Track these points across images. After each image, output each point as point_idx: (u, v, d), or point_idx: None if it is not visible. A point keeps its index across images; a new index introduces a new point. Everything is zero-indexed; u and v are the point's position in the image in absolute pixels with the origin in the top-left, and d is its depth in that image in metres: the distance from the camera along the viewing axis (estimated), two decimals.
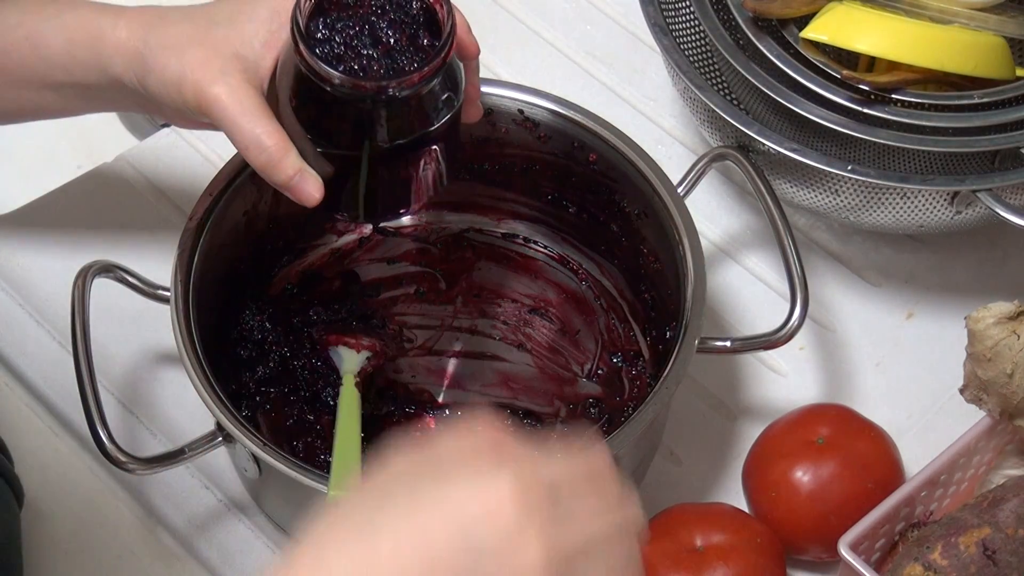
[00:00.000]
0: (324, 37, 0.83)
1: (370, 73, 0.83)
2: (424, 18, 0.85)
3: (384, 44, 0.84)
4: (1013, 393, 0.89)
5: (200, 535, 0.96)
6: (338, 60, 0.83)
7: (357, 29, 0.84)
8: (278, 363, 0.98)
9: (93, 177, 1.12)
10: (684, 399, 1.02)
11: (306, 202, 0.85)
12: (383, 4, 0.85)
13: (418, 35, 0.84)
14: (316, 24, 0.83)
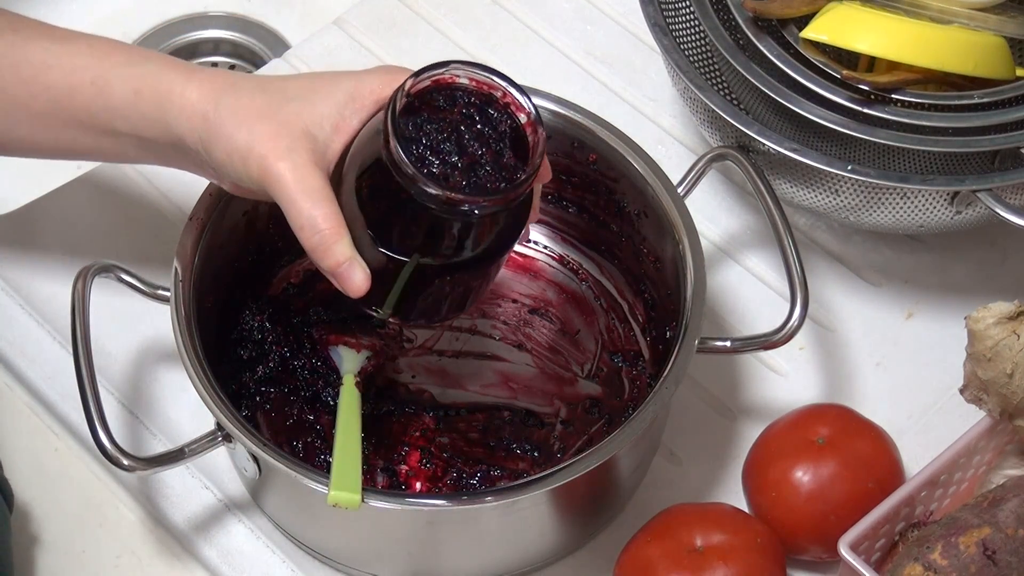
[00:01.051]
0: (411, 135, 0.82)
1: (452, 182, 0.81)
2: (512, 135, 0.83)
3: (469, 155, 0.82)
4: (1013, 393, 0.89)
5: (200, 535, 0.96)
6: (421, 162, 0.81)
7: (445, 135, 0.82)
8: (278, 363, 0.98)
9: (93, 177, 1.12)
10: (684, 399, 1.02)
11: (350, 292, 0.84)
12: (473, 114, 0.83)
13: (503, 151, 0.83)
14: (406, 121, 0.82)
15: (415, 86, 0.82)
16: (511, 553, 0.93)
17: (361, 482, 0.83)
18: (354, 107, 0.86)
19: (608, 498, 0.95)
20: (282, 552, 0.96)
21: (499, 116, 0.84)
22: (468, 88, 0.84)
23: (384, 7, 1.22)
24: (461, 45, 1.20)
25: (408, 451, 0.96)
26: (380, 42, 1.20)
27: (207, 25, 1.36)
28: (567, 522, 0.94)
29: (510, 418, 0.98)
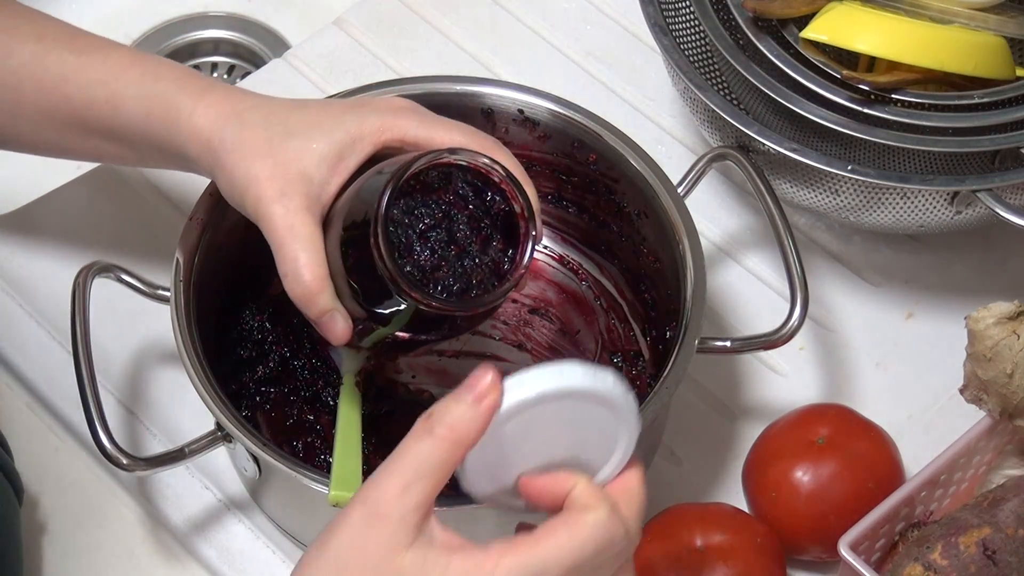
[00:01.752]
0: (399, 219, 0.82)
1: (436, 276, 0.82)
2: (502, 221, 0.83)
3: (458, 245, 0.82)
4: (1013, 393, 0.89)
5: (200, 535, 0.96)
6: (408, 252, 0.81)
7: (435, 220, 0.82)
8: (278, 363, 0.98)
9: (93, 177, 1.12)
10: (684, 399, 1.02)
11: (331, 340, 0.85)
12: (468, 194, 0.83)
13: (492, 238, 0.83)
14: (397, 203, 0.82)
15: (412, 171, 0.82)
16: None
17: (362, 482, 0.83)
18: (353, 148, 0.86)
19: None
20: (282, 552, 0.96)
21: (493, 198, 0.83)
22: (465, 167, 0.83)
23: (384, 7, 1.22)
24: (461, 45, 1.20)
25: None
26: (380, 42, 1.20)
27: (207, 25, 1.36)
28: None
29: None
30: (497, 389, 0.68)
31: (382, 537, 0.68)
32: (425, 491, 0.68)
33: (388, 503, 0.68)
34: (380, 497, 0.68)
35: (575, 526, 0.69)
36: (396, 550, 0.68)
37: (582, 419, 0.71)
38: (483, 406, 0.68)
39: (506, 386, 0.69)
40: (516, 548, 0.69)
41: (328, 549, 0.69)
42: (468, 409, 0.68)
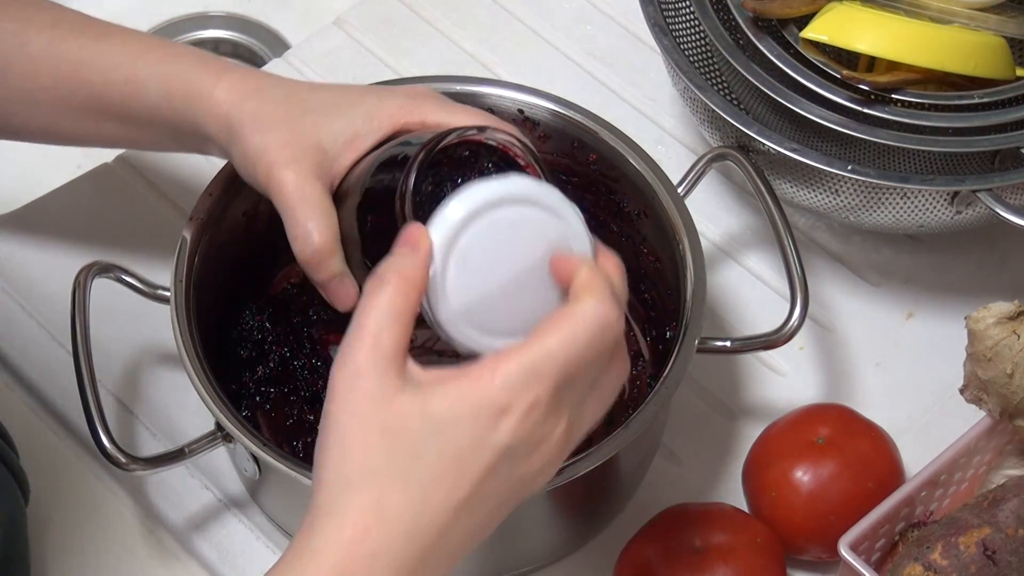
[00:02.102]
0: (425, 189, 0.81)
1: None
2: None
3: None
4: (1013, 393, 0.89)
5: (200, 535, 0.96)
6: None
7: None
8: (278, 363, 0.98)
9: (93, 177, 1.12)
10: (684, 399, 1.02)
11: (337, 306, 0.85)
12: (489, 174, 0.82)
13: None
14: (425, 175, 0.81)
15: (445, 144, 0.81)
16: (511, 553, 0.93)
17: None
18: (370, 127, 0.86)
19: (608, 498, 0.95)
20: (282, 552, 0.96)
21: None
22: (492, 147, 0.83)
23: (384, 7, 1.22)
24: (461, 45, 1.20)
25: None
26: (380, 42, 1.20)
27: (207, 25, 1.36)
28: (567, 522, 0.94)
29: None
30: (425, 233, 0.72)
31: (369, 394, 0.70)
32: (394, 337, 0.70)
33: (363, 361, 0.70)
34: (354, 359, 0.70)
35: (573, 317, 0.71)
36: (387, 400, 0.70)
37: (525, 230, 0.74)
38: (420, 248, 0.72)
39: (438, 216, 0.73)
40: (511, 353, 0.71)
41: (328, 434, 0.70)
42: (408, 253, 0.72)
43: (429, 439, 0.70)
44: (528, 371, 0.70)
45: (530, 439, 0.71)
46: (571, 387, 0.71)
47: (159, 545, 0.97)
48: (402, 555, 0.69)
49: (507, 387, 0.70)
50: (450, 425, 0.70)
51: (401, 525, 0.69)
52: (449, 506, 0.70)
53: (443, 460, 0.70)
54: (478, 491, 0.70)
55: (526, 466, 0.71)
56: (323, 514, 0.70)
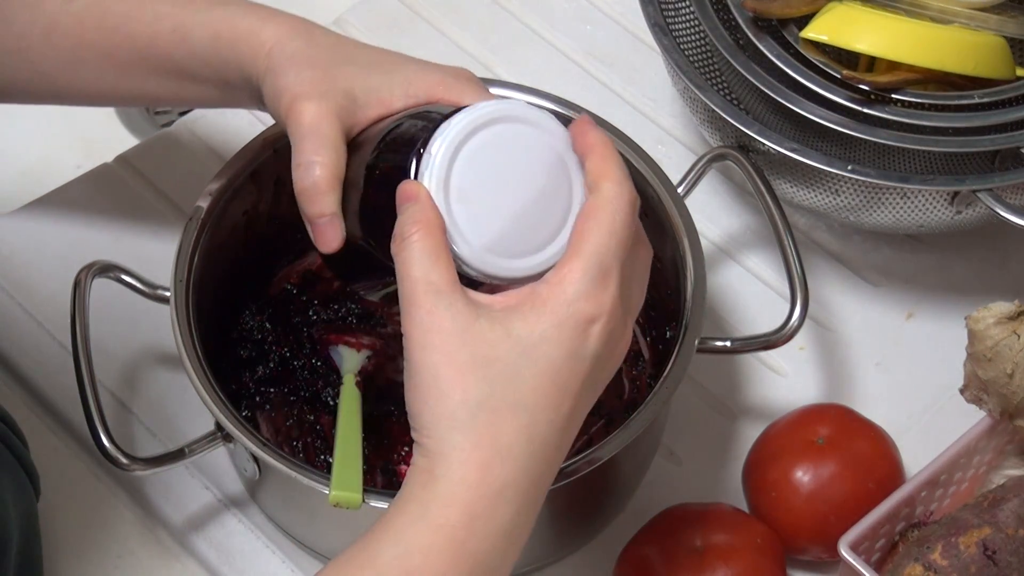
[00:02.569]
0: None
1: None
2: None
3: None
4: (1013, 393, 0.89)
5: (199, 535, 0.96)
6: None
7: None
8: (278, 363, 0.98)
9: (93, 177, 1.12)
10: (684, 399, 1.02)
11: (319, 245, 0.83)
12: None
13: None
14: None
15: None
16: None
17: (362, 482, 0.83)
18: (405, 91, 0.85)
19: (608, 498, 0.95)
20: (282, 552, 0.96)
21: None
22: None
23: (384, 7, 1.22)
24: (461, 45, 1.20)
25: (408, 451, 0.96)
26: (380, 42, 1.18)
27: None
28: (567, 522, 0.94)
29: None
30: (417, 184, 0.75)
31: (446, 329, 0.71)
32: (442, 273, 0.72)
33: (427, 303, 0.71)
34: (417, 304, 0.72)
35: (606, 206, 0.74)
36: (468, 330, 0.71)
37: (509, 148, 0.76)
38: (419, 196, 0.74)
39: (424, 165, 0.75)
40: (567, 260, 0.73)
41: (418, 380, 0.72)
42: (411, 206, 0.74)
43: (522, 361, 0.71)
44: (593, 271, 0.72)
45: (611, 338, 0.73)
46: (626, 272, 0.74)
47: (159, 545, 0.97)
48: (523, 484, 0.71)
49: (582, 294, 0.72)
50: (540, 344, 0.71)
51: (518, 453, 0.70)
52: (557, 425, 0.72)
53: (542, 380, 0.71)
54: (578, 403, 0.73)
55: (610, 364, 0.74)
56: (438, 458, 0.71)
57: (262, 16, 0.87)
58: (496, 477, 0.70)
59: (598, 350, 0.73)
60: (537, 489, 0.72)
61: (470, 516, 0.70)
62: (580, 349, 0.72)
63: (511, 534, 0.71)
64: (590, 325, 0.72)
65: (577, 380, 0.72)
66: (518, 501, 0.71)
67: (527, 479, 0.71)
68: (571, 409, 0.72)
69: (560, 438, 0.73)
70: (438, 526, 0.70)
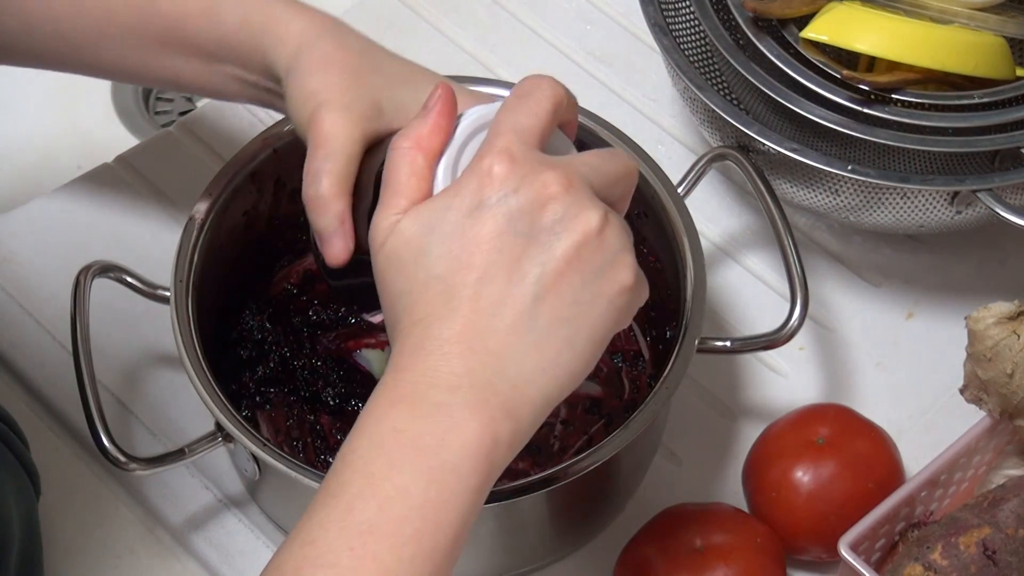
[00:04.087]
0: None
1: None
2: None
3: None
4: (1013, 393, 0.89)
5: (199, 535, 0.96)
6: None
7: None
8: (278, 363, 0.98)
9: (93, 177, 1.12)
10: (684, 399, 1.02)
11: (327, 257, 0.82)
12: None
13: None
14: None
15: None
16: (511, 553, 0.93)
17: None
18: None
19: (608, 498, 0.95)
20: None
21: None
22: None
23: (384, 7, 1.22)
24: (461, 45, 1.20)
25: None
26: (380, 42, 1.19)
27: None
28: (567, 522, 0.94)
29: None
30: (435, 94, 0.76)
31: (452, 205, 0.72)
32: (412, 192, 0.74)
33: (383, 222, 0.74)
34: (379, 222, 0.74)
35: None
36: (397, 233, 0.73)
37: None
38: (427, 111, 0.76)
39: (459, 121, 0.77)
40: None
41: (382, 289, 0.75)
42: (417, 117, 0.76)
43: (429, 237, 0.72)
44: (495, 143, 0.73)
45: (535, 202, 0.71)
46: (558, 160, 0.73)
47: (159, 545, 0.97)
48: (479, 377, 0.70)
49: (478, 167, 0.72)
50: (438, 216, 0.72)
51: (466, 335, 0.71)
52: (479, 292, 0.71)
53: (449, 247, 0.71)
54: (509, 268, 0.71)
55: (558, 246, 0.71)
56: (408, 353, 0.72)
57: (294, 8, 0.86)
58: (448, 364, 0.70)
59: (502, 199, 0.71)
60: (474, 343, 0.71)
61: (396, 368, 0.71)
62: (481, 203, 0.71)
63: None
64: (484, 177, 0.72)
65: (488, 233, 0.71)
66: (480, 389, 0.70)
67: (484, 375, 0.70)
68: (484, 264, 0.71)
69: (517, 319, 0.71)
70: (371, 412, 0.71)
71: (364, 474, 0.69)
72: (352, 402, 0.96)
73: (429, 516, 0.68)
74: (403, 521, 0.68)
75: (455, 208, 0.72)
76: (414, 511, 0.68)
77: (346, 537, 0.68)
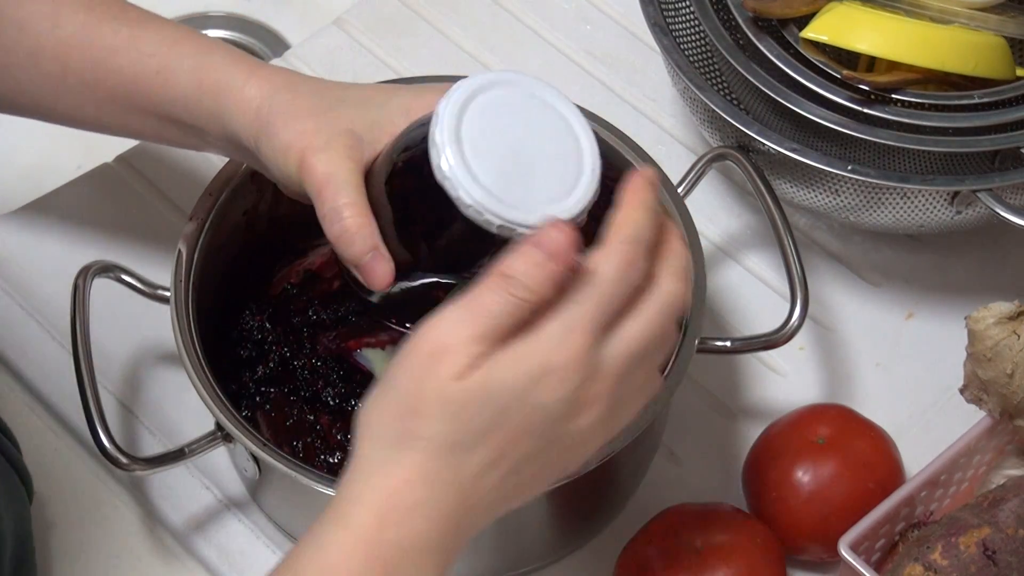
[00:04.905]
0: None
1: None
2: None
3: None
4: (1013, 393, 0.89)
5: (200, 535, 0.96)
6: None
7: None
8: (278, 363, 0.98)
9: (93, 177, 1.12)
10: (684, 399, 1.02)
11: (373, 285, 0.82)
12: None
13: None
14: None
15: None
16: (510, 553, 0.93)
17: None
18: (406, 118, 0.85)
19: (608, 498, 0.95)
20: (282, 552, 0.96)
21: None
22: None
23: (384, 7, 1.22)
24: (461, 45, 1.20)
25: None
26: (380, 42, 1.20)
27: (207, 25, 1.36)
28: (567, 522, 0.94)
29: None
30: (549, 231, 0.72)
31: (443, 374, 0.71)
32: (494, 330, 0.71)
33: (452, 340, 0.71)
34: (441, 334, 0.71)
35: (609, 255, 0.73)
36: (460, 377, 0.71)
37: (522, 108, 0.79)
38: (542, 245, 0.71)
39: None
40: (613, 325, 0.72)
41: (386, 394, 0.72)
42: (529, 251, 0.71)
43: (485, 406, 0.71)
44: (565, 329, 0.71)
45: (573, 399, 0.71)
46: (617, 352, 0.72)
47: (159, 545, 0.97)
48: (441, 509, 0.70)
49: (550, 346, 0.71)
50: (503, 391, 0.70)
51: (440, 479, 0.70)
52: (489, 470, 0.71)
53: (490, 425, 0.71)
54: (520, 455, 0.71)
55: (569, 434, 0.72)
56: (361, 461, 0.72)
57: (246, 69, 0.87)
58: (412, 492, 0.70)
59: (548, 403, 0.71)
60: (455, 523, 0.71)
61: (379, 520, 0.70)
62: (529, 396, 0.70)
63: (426, 550, 0.71)
64: (545, 375, 0.70)
65: (520, 428, 0.71)
66: (433, 520, 0.70)
67: (445, 506, 0.70)
68: (508, 457, 0.71)
69: (489, 480, 0.71)
70: (349, 525, 0.70)
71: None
72: (352, 402, 0.96)
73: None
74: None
75: (519, 390, 0.70)
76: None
77: None
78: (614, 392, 0.72)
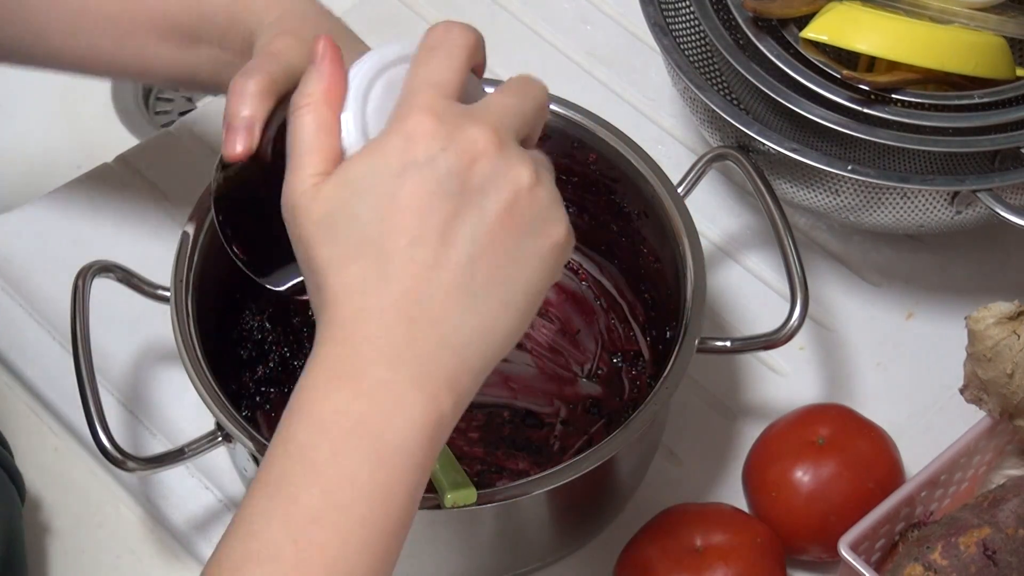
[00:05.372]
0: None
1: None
2: None
3: None
4: (1013, 393, 0.89)
5: (200, 535, 0.96)
6: None
7: None
8: (278, 363, 0.98)
9: (93, 177, 1.12)
10: (684, 399, 1.02)
11: (225, 151, 0.79)
12: None
13: None
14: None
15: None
16: (511, 553, 0.93)
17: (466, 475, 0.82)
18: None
19: (608, 498, 0.95)
20: None
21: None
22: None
23: (384, 7, 1.22)
24: None
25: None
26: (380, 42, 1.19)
27: None
28: (567, 522, 0.94)
29: (510, 418, 0.98)
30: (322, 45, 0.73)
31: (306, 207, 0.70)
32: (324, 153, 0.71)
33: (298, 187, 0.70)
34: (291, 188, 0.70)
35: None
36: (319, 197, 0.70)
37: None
38: (320, 64, 0.73)
39: (352, 72, 0.75)
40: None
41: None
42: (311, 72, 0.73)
43: (356, 200, 0.69)
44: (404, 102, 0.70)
45: (450, 151, 0.69)
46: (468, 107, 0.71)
47: (159, 545, 0.97)
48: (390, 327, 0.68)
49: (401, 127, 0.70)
50: (364, 178, 0.69)
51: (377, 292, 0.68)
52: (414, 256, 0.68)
53: (378, 210, 0.68)
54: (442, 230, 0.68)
55: (471, 179, 0.69)
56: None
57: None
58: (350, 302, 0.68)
59: (422, 159, 0.68)
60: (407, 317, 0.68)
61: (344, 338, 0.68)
62: (398, 163, 0.69)
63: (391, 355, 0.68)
64: (405, 143, 0.69)
65: (417, 198, 0.68)
66: (383, 323, 0.68)
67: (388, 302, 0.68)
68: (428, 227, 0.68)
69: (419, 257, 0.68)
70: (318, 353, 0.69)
71: (306, 461, 0.67)
72: None
73: (377, 501, 0.66)
74: (350, 508, 0.66)
75: (381, 170, 0.69)
76: (361, 497, 0.66)
77: (290, 529, 0.66)
78: (493, 140, 0.71)
